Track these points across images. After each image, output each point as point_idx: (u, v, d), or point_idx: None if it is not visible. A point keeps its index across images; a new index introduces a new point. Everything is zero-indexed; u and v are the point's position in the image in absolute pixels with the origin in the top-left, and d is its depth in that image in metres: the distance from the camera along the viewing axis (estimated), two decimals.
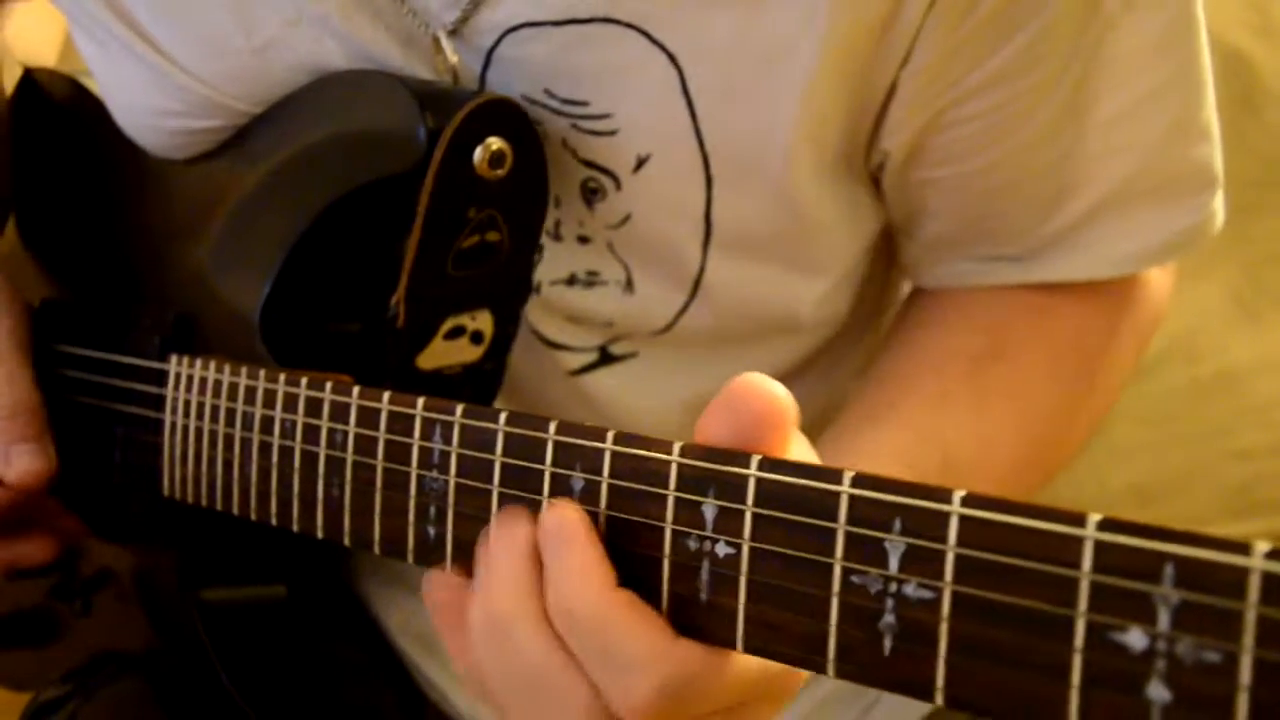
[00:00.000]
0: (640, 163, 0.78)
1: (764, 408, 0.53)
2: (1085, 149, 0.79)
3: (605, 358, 0.87)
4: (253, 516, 0.75)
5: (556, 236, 0.82)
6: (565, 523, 0.56)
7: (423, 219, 0.75)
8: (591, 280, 0.83)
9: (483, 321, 0.80)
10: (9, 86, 1.02)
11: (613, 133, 0.77)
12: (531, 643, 0.56)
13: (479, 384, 0.82)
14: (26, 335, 0.90)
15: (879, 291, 0.95)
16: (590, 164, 0.79)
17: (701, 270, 0.82)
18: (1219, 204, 0.82)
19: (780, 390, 0.54)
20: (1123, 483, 1.26)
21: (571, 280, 0.83)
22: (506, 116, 0.75)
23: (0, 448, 0.86)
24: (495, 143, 0.75)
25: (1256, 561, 0.40)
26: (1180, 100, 0.79)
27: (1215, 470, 1.29)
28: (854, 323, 0.92)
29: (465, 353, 0.80)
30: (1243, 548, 0.40)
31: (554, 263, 0.83)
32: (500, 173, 0.75)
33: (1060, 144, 0.79)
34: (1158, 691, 0.42)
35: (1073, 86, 0.77)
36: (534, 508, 0.59)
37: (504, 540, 0.58)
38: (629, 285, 0.83)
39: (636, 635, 0.54)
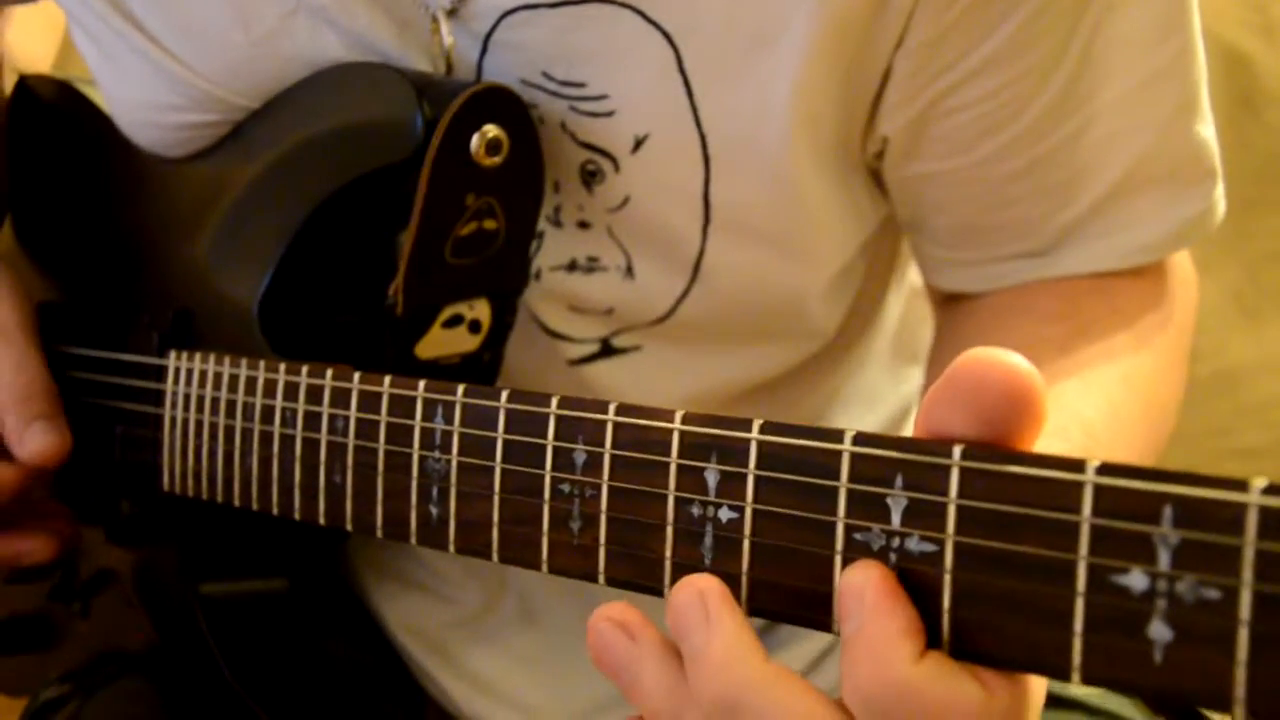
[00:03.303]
0: (638, 143, 0.78)
1: (1009, 384, 0.47)
2: (1094, 134, 0.78)
3: (606, 350, 0.87)
4: (254, 507, 0.75)
5: (556, 222, 0.83)
6: (873, 579, 0.48)
7: (421, 207, 0.75)
8: (592, 266, 0.83)
9: (481, 310, 0.80)
10: (6, 92, 1.02)
11: (610, 114, 0.78)
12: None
13: (477, 374, 0.82)
14: (33, 321, 0.90)
15: (874, 304, 0.95)
16: (589, 146, 0.79)
17: (701, 254, 0.82)
18: (1221, 191, 0.82)
19: (1023, 363, 0.46)
20: None
21: (572, 266, 0.84)
22: (502, 104, 0.76)
23: (16, 425, 0.86)
24: (492, 130, 0.75)
25: (1254, 497, 0.40)
26: (1183, 81, 0.79)
27: (1215, 470, 1.28)
28: (845, 335, 0.92)
29: (463, 342, 0.80)
30: (1240, 484, 0.41)
31: (554, 248, 0.83)
32: (497, 160, 0.76)
33: (1066, 130, 0.78)
34: (1159, 631, 0.42)
35: (1073, 70, 0.77)
36: None
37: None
38: (629, 271, 0.83)
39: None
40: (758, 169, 0.78)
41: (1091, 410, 0.72)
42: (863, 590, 0.48)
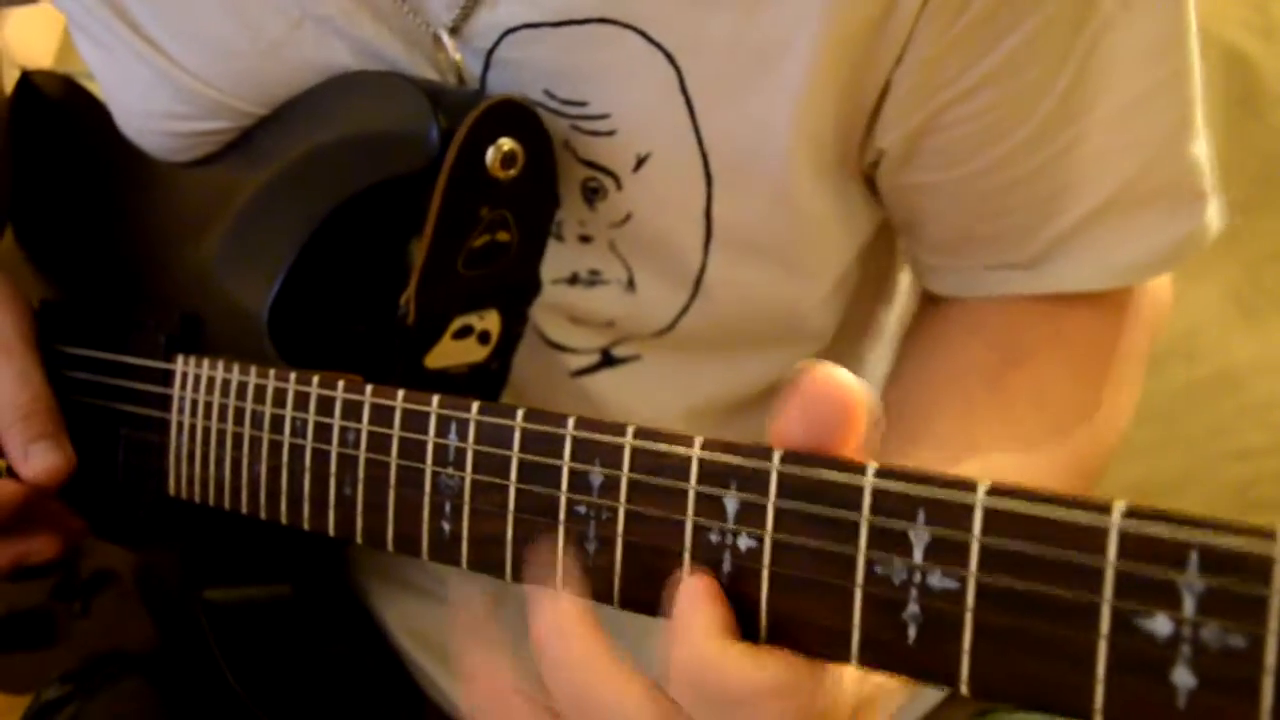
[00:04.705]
0: (640, 162, 0.78)
1: (840, 401, 0.51)
2: (1086, 149, 0.78)
3: (607, 360, 0.87)
4: (262, 515, 0.75)
5: (559, 236, 0.82)
6: (693, 586, 0.54)
7: (435, 218, 0.75)
8: (594, 279, 0.83)
9: (490, 321, 0.80)
10: (7, 88, 1.02)
11: (612, 133, 0.78)
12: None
13: (484, 384, 0.82)
14: (34, 333, 0.90)
15: (870, 305, 0.95)
16: (590, 164, 0.79)
17: (702, 269, 0.82)
18: (1214, 210, 0.82)
19: (854, 381, 0.51)
20: (1123, 482, 1.26)
21: (574, 279, 0.84)
22: (518, 117, 0.76)
23: (19, 445, 0.86)
24: (507, 143, 0.75)
25: None
26: (1178, 100, 0.79)
27: (1215, 470, 1.29)
28: (845, 336, 0.92)
29: (472, 352, 0.80)
30: (1267, 533, 0.41)
31: (556, 262, 0.83)
32: (512, 173, 0.76)
33: (1058, 144, 0.78)
34: (1183, 677, 0.42)
35: (1069, 86, 0.77)
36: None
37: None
38: (630, 284, 0.83)
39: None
40: (759, 186, 0.78)
41: (997, 451, 0.76)
42: (687, 592, 0.53)
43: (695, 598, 0.53)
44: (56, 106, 0.99)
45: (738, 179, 0.78)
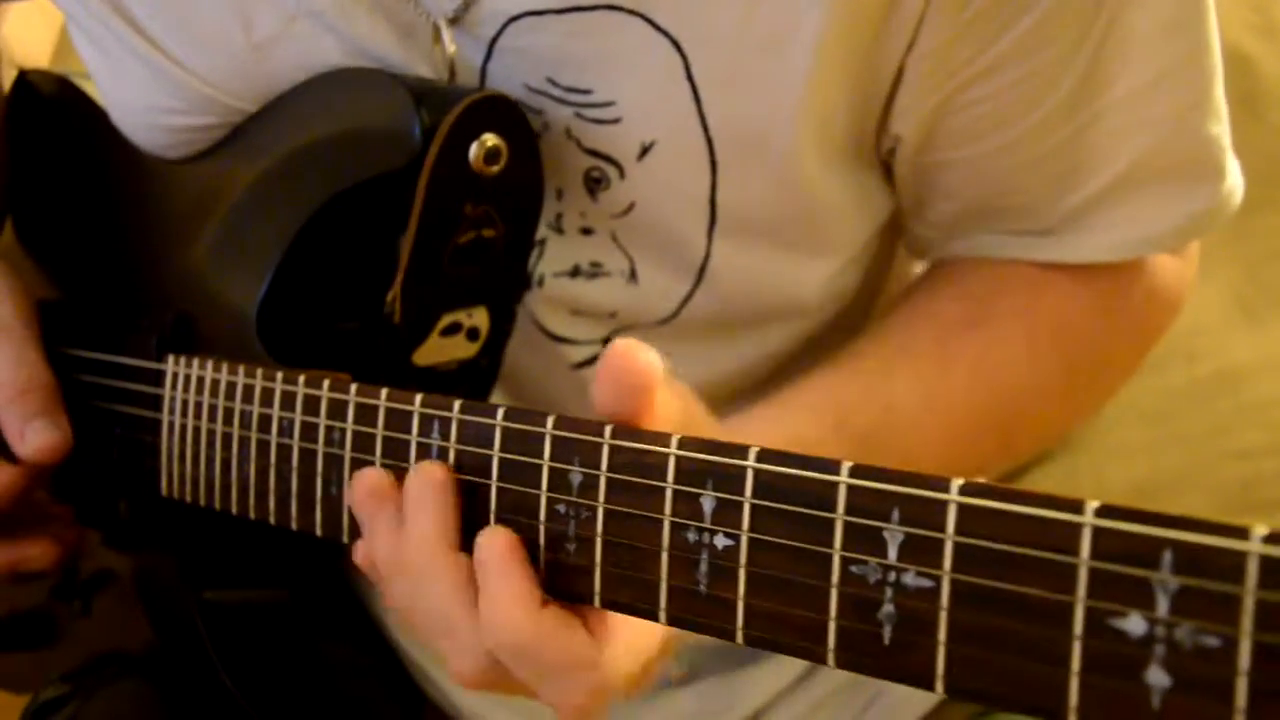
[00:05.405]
0: (644, 150, 0.78)
1: (632, 371, 0.57)
2: (1103, 126, 0.79)
3: None
4: (251, 515, 0.75)
5: (559, 229, 0.82)
6: (497, 547, 0.59)
7: (419, 215, 0.75)
8: (595, 271, 0.83)
9: (479, 318, 0.80)
10: (5, 87, 1.02)
11: (616, 120, 0.77)
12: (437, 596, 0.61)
13: (474, 380, 0.82)
14: (34, 315, 0.90)
15: (882, 274, 0.95)
16: (594, 153, 0.79)
17: (706, 257, 0.82)
18: (1231, 188, 0.83)
19: (651, 356, 0.57)
20: (1122, 482, 1.25)
21: (575, 272, 0.83)
22: (501, 112, 0.76)
23: (16, 424, 0.86)
24: (490, 139, 0.75)
25: (1254, 545, 0.40)
26: (1195, 78, 0.79)
27: (1215, 470, 1.28)
28: (856, 305, 0.92)
29: (461, 349, 0.80)
30: (1241, 532, 0.40)
31: (557, 255, 0.83)
32: (496, 169, 0.75)
33: (1076, 121, 0.78)
34: (1157, 676, 0.42)
35: (1087, 65, 0.77)
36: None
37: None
38: (633, 275, 0.83)
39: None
40: (765, 172, 0.78)
41: (907, 396, 0.79)
42: (488, 558, 0.59)
43: (504, 559, 0.58)
44: (53, 106, 0.99)
45: (744, 164, 0.78)
